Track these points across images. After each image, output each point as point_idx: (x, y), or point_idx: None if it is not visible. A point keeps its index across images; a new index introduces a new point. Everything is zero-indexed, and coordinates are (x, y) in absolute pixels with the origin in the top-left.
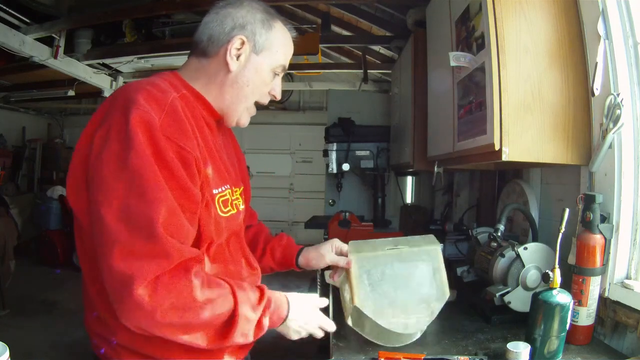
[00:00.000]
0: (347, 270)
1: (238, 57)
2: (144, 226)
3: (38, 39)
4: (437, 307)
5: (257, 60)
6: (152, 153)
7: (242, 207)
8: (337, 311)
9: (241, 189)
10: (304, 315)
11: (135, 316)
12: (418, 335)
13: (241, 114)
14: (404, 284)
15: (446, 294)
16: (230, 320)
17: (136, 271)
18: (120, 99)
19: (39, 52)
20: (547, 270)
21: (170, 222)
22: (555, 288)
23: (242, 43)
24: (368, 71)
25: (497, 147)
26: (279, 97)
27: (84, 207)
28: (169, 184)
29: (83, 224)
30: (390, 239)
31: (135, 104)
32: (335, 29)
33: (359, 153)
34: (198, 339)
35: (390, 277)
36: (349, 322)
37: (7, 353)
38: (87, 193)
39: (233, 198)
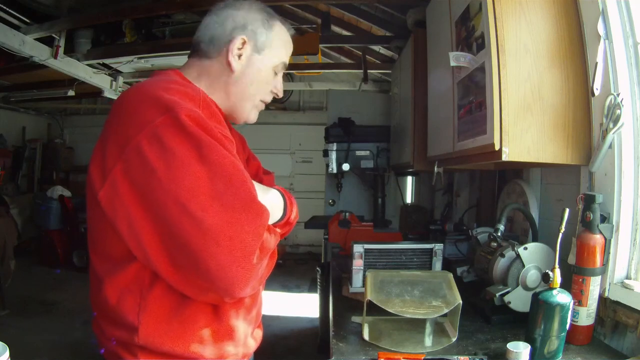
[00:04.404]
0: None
1: (240, 56)
2: (245, 203)
3: (38, 39)
4: (445, 310)
5: (259, 59)
6: (218, 141)
7: None
8: (338, 311)
9: None
10: None
11: (251, 279)
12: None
13: (249, 112)
14: (414, 287)
15: (457, 299)
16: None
17: (252, 241)
18: (149, 104)
19: (39, 52)
20: (547, 270)
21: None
22: (555, 288)
23: (244, 42)
24: (368, 71)
25: (497, 147)
26: (281, 94)
27: (124, 212)
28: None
29: (120, 228)
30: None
31: (175, 104)
32: (335, 29)
33: (359, 153)
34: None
35: (401, 282)
36: (365, 336)
37: (7, 353)
38: (136, 200)
39: None
